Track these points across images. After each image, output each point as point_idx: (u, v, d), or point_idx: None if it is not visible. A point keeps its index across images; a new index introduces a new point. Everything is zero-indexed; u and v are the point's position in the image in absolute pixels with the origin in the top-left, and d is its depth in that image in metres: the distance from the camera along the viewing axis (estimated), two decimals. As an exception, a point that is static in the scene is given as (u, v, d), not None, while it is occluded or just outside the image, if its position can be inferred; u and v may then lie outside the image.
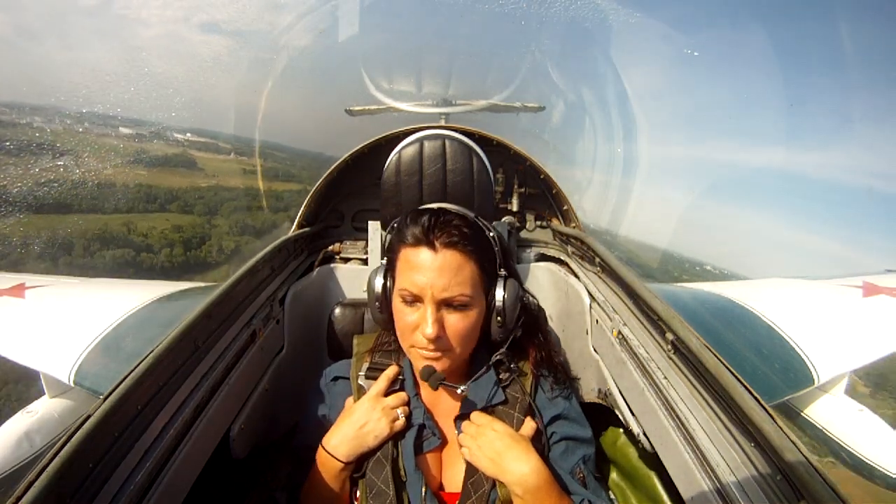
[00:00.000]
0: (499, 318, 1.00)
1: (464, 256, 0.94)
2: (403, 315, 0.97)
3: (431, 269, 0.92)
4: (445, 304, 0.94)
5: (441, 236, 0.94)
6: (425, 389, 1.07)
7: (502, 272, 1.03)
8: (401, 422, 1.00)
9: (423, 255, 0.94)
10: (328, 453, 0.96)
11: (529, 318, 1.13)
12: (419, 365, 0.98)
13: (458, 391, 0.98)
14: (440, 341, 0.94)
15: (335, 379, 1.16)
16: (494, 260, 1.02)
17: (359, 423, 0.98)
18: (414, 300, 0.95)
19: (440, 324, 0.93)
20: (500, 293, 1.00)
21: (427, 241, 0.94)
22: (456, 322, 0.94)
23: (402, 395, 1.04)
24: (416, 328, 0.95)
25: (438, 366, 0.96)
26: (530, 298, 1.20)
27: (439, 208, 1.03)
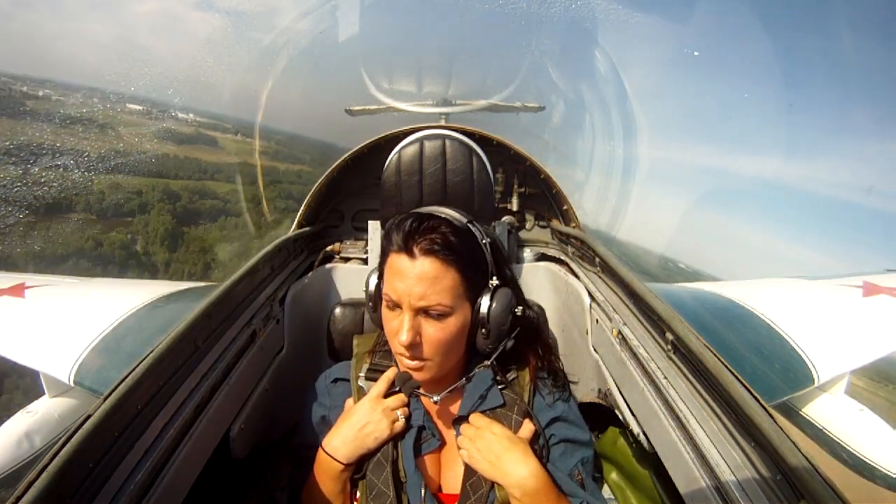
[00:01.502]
0: (483, 329, 0.98)
1: (443, 265, 0.92)
2: (387, 320, 0.98)
3: (409, 276, 0.91)
4: (424, 312, 0.93)
5: (422, 242, 0.92)
6: None
7: (494, 281, 1.00)
8: (400, 423, 1.00)
9: (403, 262, 0.92)
10: (328, 455, 0.96)
11: (528, 328, 1.10)
12: (401, 370, 0.98)
13: (432, 400, 0.97)
14: (416, 349, 0.94)
15: (335, 381, 1.16)
16: (485, 268, 1.00)
17: (359, 424, 0.98)
18: (394, 306, 0.95)
19: (416, 332, 0.92)
20: (485, 304, 0.97)
21: (406, 248, 0.92)
22: (434, 332, 0.93)
23: (401, 397, 1.03)
24: (397, 334, 0.94)
25: (419, 375, 0.96)
26: (530, 307, 1.16)
27: (427, 213, 1.00)
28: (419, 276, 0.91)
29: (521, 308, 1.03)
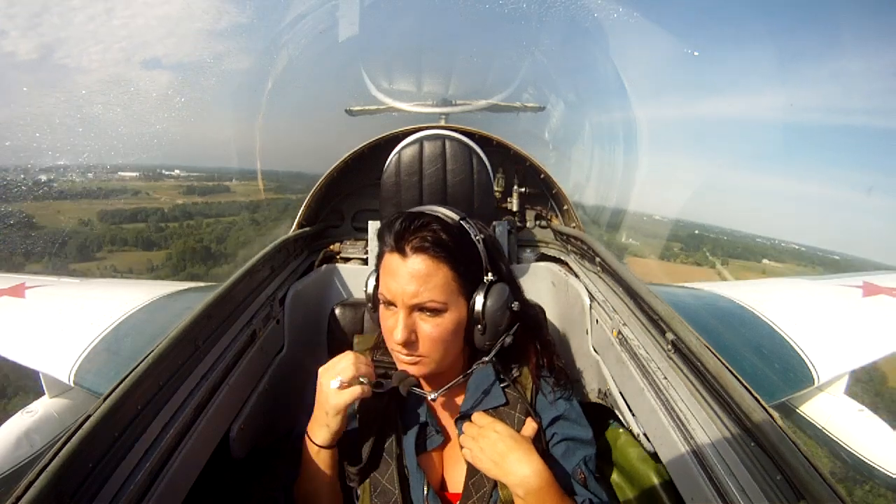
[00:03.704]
0: (479, 326, 0.98)
1: (434, 262, 0.92)
2: (384, 318, 0.98)
3: (402, 275, 0.92)
4: (418, 309, 0.93)
5: (412, 241, 0.92)
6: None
7: (489, 278, 0.99)
8: (342, 395, 0.91)
9: (395, 261, 0.93)
10: (308, 438, 0.94)
11: (529, 325, 1.10)
12: (399, 368, 0.98)
13: (430, 398, 0.97)
14: (412, 346, 0.94)
15: None
16: (479, 265, 0.99)
17: (319, 400, 0.93)
18: (390, 304, 0.95)
19: (410, 329, 0.93)
20: (479, 301, 0.96)
21: (398, 247, 0.93)
22: (429, 329, 0.93)
23: (349, 356, 0.93)
24: (392, 332, 0.94)
25: (415, 371, 0.96)
26: (530, 304, 1.15)
27: (418, 212, 1.00)
28: (411, 274, 0.92)
29: (517, 303, 1.02)
